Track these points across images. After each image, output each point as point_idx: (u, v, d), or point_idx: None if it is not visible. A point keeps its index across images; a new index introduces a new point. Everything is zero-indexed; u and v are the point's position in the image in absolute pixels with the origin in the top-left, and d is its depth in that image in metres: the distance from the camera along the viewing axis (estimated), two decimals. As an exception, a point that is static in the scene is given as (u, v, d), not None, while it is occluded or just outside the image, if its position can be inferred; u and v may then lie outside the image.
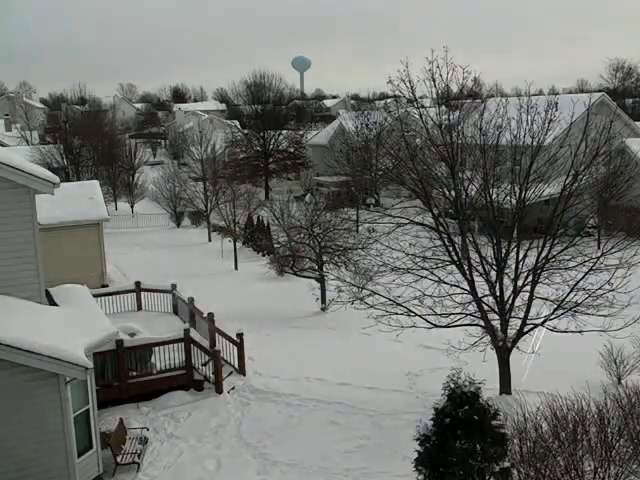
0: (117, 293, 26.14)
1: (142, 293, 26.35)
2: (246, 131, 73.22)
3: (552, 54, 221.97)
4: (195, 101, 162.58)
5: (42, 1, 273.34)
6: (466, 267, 18.58)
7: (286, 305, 28.53)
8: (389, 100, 73.15)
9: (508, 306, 18.57)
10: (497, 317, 18.70)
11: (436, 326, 18.84)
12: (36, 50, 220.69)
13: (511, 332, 18.68)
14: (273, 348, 23.44)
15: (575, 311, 17.97)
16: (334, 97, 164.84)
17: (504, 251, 18.48)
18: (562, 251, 18.26)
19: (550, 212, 18.76)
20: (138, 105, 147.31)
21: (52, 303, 16.94)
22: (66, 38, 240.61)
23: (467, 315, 18.67)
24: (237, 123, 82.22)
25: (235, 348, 21.13)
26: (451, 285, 18.74)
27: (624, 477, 11.88)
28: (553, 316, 18.31)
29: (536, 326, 18.58)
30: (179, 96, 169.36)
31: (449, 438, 10.43)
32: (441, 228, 18.92)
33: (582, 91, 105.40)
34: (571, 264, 18.18)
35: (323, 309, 27.78)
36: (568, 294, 17.96)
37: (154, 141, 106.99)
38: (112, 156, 61.65)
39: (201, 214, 48.33)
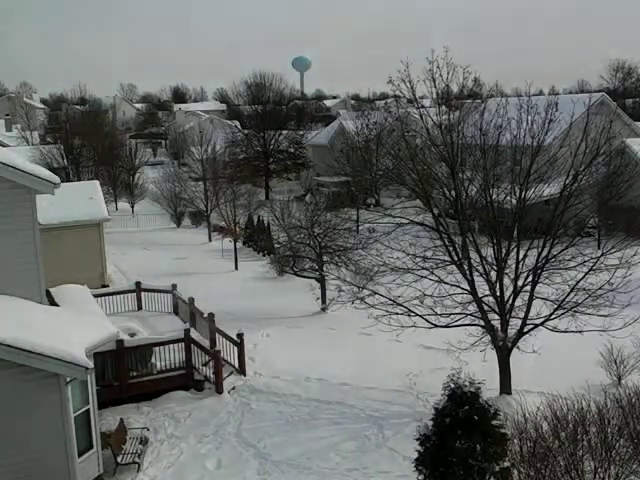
0: (117, 293, 26.11)
1: (142, 293, 26.34)
2: (246, 131, 73.22)
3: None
4: (195, 101, 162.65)
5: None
6: (466, 267, 18.58)
7: (286, 305, 28.52)
8: (389, 100, 73.20)
9: (508, 306, 18.56)
10: (497, 317, 18.70)
11: (436, 326, 18.84)
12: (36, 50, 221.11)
13: (511, 332, 18.68)
14: (273, 348, 23.44)
15: (575, 311, 17.95)
16: (334, 97, 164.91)
17: (504, 251, 18.47)
18: (562, 251, 18.25)
19: (550, 212, 18.76)
20: (138, 105, 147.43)
21: (52, 303, 16.96)
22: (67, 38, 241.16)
23: (467, 315, 18.67)
24: (237, 123, 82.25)
25: (235, 348, 21.13)
26: (451, 285, 18.73)
27: (624, 477, 11.89)
28: (553, 316, 18.31)
29: (536, 326, 18.58)
30: (179, 96, 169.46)
31: (449, 438, 10.45)
32: (441, 228, 18.92)
33: (582, 91, 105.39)
34: (571, 264, 18.18)
35: (323, 309, 27.75)
36: (568, 294, 17.95)
37: (154, 141, 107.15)
38: (112, 156, 61.64)
39: (201, 214, 48.31)
